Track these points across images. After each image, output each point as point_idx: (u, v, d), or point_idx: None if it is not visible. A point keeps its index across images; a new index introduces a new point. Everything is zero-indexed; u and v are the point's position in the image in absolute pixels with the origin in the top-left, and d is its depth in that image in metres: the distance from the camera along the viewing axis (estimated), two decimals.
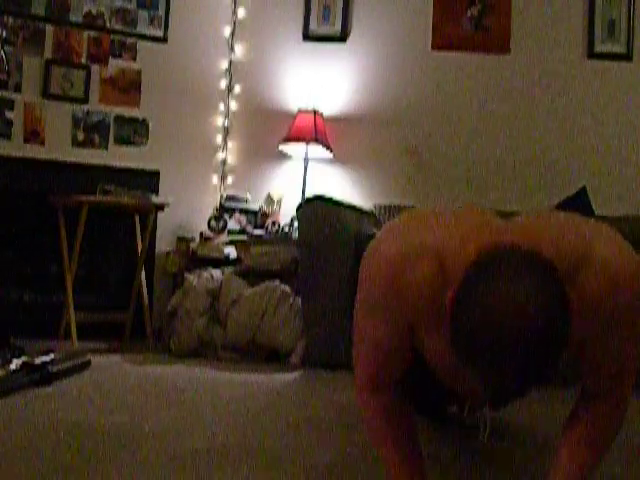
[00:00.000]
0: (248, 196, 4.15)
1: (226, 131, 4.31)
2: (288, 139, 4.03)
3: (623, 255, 1.12)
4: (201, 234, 3.93)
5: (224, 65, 4.31)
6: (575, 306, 1.02)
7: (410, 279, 1.13)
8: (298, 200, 3.70)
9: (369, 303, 1.24)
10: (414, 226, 1.21)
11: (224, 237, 3.88)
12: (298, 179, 4.13)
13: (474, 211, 1.23)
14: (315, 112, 4.02)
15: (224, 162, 4.30)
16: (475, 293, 0.96)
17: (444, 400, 1.88)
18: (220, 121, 4.31)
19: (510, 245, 1.03)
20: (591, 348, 1.17)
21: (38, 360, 2.49)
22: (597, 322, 1.12)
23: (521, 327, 0.92)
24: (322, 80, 4.26)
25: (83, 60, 4.02)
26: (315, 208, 3.16)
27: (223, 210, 4.04)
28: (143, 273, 3.77)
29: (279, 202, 4.14)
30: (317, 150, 4.05)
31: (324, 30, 4.29)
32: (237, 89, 4.31)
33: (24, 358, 2.49)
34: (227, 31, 4.31)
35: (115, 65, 4.07)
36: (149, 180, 4.03)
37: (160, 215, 3.88)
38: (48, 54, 3.95)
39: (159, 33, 4.16)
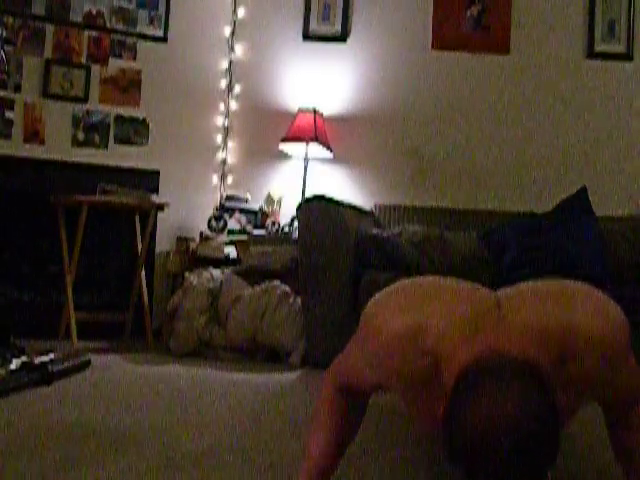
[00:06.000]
0: (248, 196, 4.15)
1: (226, 131, 4.31)
2: (288, 139, 4.03)
3: (606, 325, 1.18)
4: (201, 234, 3.93)
5: (224, 65, 4.31)
6: (569, 386, 1.13)
7: (403, 367, 1.19)
8: (298, 200, 3.70)
9: (363, 349, 1.29)
10: (417, 305, 1.24)
11: (224, 237, 3.88)
12: (298, 179, 4.13)
13: (471, 295, 1.27)
14: (315, 112, 4.02)
15: (224, 162, 4.30)
16: (466, 412, 1.00)
17: None
18: (220, 121, 4.31)
19: (500, 354, 1.09)
20: (600, 397, 1.26)
21: (38, 360, 2.49)
22: (595, 389, 1.20)
23: (511, 445, 0.96)
24: (322, 80, 4.26)
25: (83, 60, 4.01)
26: (315, 208, 3.16)
27: (223, 210, 4.04)
28: (143, 273, 3.77)
29: (279, 202, 4.14)
30: (317, 150, 4.05)
31: (324, 30, 4.28)
32: (237, 89, 4.31)
33: (24, 358, 2.49)
34: (227, 31, 4.31)
35: (115, 65, 4.07)
36: (149, 180, 4.03)
37: (160, 215, 3.88)
38: (48, 54, 3.95)
39: (159, 33, 4.16)
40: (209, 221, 3.93)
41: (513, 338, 1.12)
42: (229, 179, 4.30)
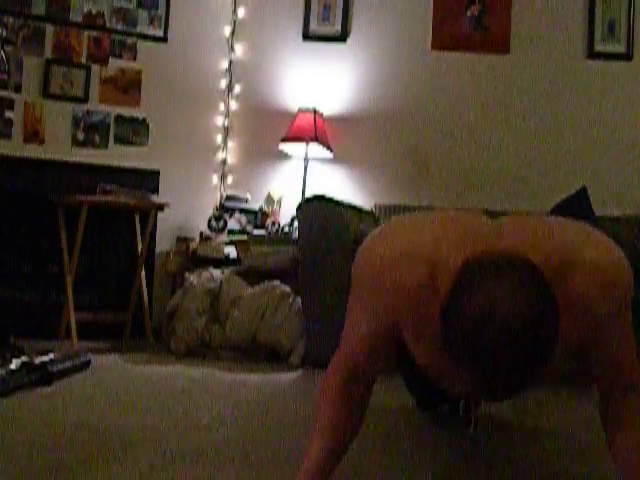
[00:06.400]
0: (248, 196, 4.15)
1: (226, 131, 4.31)
2: (288, 139, 4.03)
3: (610, 256, 1.16)
4: (201, 234, 3.93)
5: (224, 65, 4.31)
6: (567, 307, 1.08)
7: (400, 283, 1.17)
8: (298, 200, 3.69)
9: (359, 299, 1.28)
10: (409, 229, 1.23)
11: (224, 237, 3.88)
12: (298, 179, 4.13)
13: (466, 216, 1.25)
14: (315, 112, 4.02)
15: (224, 162, 4.30)
16: (464, 299, 0.99)
17: (437, 395, 1.92)
18: (220, 121, 4.31)
19: (497, 252, 1.07)
20: (593, 349, 1.21)
21: (38, 360, 2.49)
22: (592, 321, 1.16)
23: (510, 329, 0.96)
24: (322, 80, 4.26)
25: (83, 60, 4.01)
26: (315, 208, 3.15)
27: (223, 210, 4.04)
28: (143, 273, 3.77)
29: (279, 202, 4.14)
30: (317, 150, 4.05)
31: (324, 30, 4.28)
32: (237, 89, 4.31)
33: (24, 358, 2.49)
34: (227, 31, 4.31)
35: (115, 65, 4.07)
36: (149, 180, 4.03)
37: (160, 215, 3.88)
38: (48, 54, 3.95)
39: (159, 33, 4.16)
40: (209, 221, 3.93)
41: (512, 245, 1.10)
42: (229, 179, 4.30)
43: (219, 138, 4.31)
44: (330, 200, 3.21)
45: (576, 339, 1.18)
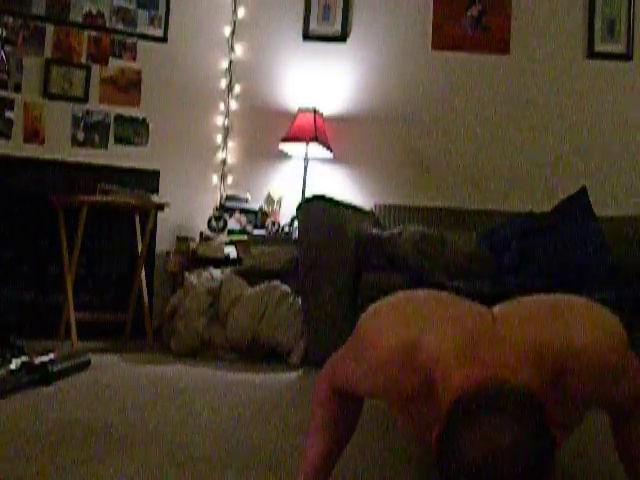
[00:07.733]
0: (248, 196, 4.15)
1: (226, 131, 4.31)
2: (288, 139, 4.03)
3: (602, 336, 1.18)
4: (201, 234, 3.93)
5: (224, 65, 4.31)
6: (566, 399, 1.15)
7: (396, 383, 1.20)
8: (298, 200, 3.69)
9: (356, 357, 1.28)
10: (414, 321, 1.24)
11: (224, 237, 3.88)
12: (298, 179, 4.13)
13: (468, 313, 1.27)
14: (315, 111, 4.02)
15: (224, 162, 4.30)
16: (460, 439, 0.99)
17: None
18: (220, 121, 4.31)
19: (494, 382, 1.07)
20: (603, 405, 1.27)
21: (38, 360, 2.49)
22: (598, 396, 1.21)
23: (502, 475, 0.95)
24: (322, 80, 4.26)
25: (83, 60, 4.02)
26: (315, 208, 3.15)
27: (223, 210, 4.04)
28: (143, 273, 3.77)
29: (279, 202, 4.14)
30: (317, 150, 4.05)
31: (324, 30, 4.28)
32: (237, 89, 4.32)
33: (24, 358, 2.49)
34: (227, 31, 4.31)
35: (115, 65, 4.07)
36: (149, 180, 4.03)
37: (160, 215, 3.88)
38: (48, 54, 3.95)
39: (159, 33, 4.16)
40: (209, 221, 3.93)
41: (509, 356, 1.13)
42: (229, 179, 4.30)
43: (219, 138, 4.31)
44: (330, 200, 3.21)
45: (582, 413, 1.26)
